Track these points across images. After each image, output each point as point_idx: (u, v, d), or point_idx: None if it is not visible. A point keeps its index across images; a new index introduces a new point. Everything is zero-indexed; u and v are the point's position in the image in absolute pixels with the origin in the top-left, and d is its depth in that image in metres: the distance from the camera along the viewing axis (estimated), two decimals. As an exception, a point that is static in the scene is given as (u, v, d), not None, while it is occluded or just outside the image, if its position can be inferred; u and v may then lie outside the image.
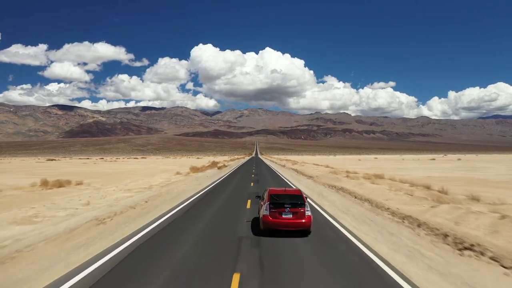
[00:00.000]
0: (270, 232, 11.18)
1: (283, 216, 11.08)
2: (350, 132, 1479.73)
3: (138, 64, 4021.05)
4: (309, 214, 11.39)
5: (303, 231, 11.33)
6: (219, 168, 54.15)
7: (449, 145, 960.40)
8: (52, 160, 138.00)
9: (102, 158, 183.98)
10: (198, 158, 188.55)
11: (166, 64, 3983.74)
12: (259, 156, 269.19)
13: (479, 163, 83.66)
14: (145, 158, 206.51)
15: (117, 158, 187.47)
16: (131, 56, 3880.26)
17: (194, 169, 50.34)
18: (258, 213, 12.90)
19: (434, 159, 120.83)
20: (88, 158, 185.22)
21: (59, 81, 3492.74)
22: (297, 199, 11.62)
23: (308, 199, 14.34)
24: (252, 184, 30.48)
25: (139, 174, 42.36)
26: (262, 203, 12.55)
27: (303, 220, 11.12)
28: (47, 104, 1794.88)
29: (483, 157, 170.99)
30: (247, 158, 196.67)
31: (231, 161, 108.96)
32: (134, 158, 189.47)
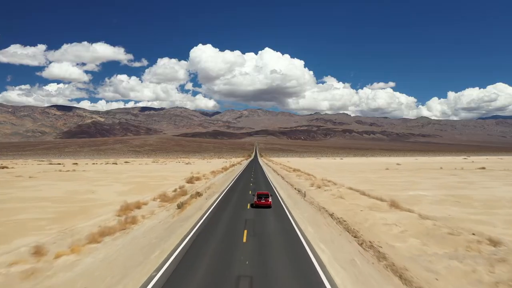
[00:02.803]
0: (257, 206, 27.18)
1: (261, 201, 27.45)
2: (350, 133, 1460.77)
3: (137, 64, 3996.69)
4: (270, 200, 27.92)
5: (269, 206, 27.41)
6: (181, 207, 27.42)
7: (451, 145, 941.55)
8: (4, 168, 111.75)
9: (76, 164, 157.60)
10: (187, 163, 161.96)
11: (165, 64, 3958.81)
12: (259, 159, 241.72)
13: None
14: (128, 162, 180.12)
15: (93, 163, 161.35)
16: (130, 56, 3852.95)
17: (130, 209, 24.25)
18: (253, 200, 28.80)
19: (482, 167, 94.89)
20: (59, 163, 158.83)
21: (58, 81, 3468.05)
22: (266, 195, 28.54)
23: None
24: None
25: None
26: (254, 196, 29.23)
27: (268, 203, 27.43)
28: (46, 105, 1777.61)
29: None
30: (245, 162, 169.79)
31: (222, 171, 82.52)
32: (113, 163, 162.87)
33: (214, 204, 29.36)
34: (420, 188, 43.73)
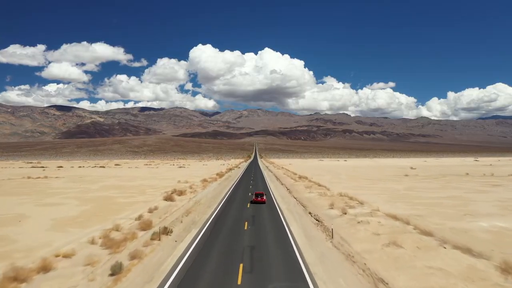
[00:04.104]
0: (254, 203, 36.47)
1: (258, 198, 37.82)
2: (350, 133, 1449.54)
3: (136, 64, 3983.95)
4: (265, 198, 38.52)
5: (263, 203, 36.90)
6: (118, 272, 14.96)
7: (452, 146, 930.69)
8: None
9: (61, 167, 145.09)
10: (181, 167, 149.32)
11: (165, 64, 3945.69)
12: (259, 161, 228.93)
13: None
14: (118, 165, 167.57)
15: (80, 166, 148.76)
16: (130, 56, 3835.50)
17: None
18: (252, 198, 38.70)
19: None
20: (43, 167, 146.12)
21: (57, 81, 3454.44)
22: (262, 194, 38.95)
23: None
24: None
25: None
26: (253, 195, 39.91)
27: (263, 200, 37.82)
28: (45, 105, 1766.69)
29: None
30: (244, 165, 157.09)
31: (216, 179, 69.94)
32: (101, 166, 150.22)
33: (183, 261, 16.91)
34: (484, 213, 31.26)
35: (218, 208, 34.08)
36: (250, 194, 45.31)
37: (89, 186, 58.79)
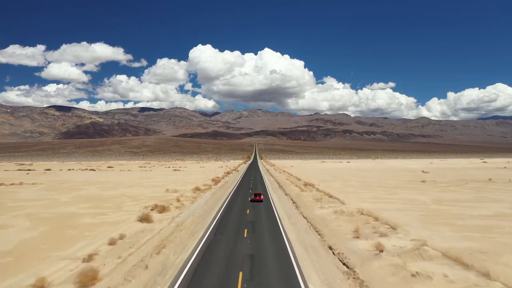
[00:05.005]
0: (253, 202, 43.96)
1: (256, 197, 44.85)
2: (350, 133, 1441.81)
3: (136, 64, 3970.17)
4: (262, 197, 45.38)
5: (261, 201, 44.26)
6: None
7: (452, 146, 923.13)
8: None
9: (48, 170, 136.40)
10: (176, 169, 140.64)
11: (165, 64, 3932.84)
12: (259, 163, 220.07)
13: None
14: (111, 167, 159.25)
15: (69, 169, 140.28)
16: (130, 56, 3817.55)
17: None
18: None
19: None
20: (29, 169, 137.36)
21: (57, 81, 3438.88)
22: (260, 194, 46.10)
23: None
24: None
25: None
26: (252, 194, 47.98)
27: (261, 198, 44.79)
28: (45, 105, 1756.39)
29: None
30: (243, 168, 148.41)
31: (211, 186, 61.23)
32: (91, 169, 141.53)
33: None
34: None
35: (205, 238, 25.45)
36: (248, 211, 37.07)
37: (60, 197, 50.20)
